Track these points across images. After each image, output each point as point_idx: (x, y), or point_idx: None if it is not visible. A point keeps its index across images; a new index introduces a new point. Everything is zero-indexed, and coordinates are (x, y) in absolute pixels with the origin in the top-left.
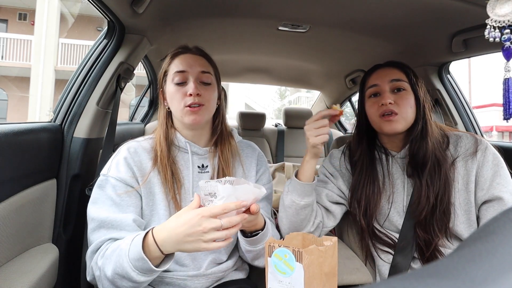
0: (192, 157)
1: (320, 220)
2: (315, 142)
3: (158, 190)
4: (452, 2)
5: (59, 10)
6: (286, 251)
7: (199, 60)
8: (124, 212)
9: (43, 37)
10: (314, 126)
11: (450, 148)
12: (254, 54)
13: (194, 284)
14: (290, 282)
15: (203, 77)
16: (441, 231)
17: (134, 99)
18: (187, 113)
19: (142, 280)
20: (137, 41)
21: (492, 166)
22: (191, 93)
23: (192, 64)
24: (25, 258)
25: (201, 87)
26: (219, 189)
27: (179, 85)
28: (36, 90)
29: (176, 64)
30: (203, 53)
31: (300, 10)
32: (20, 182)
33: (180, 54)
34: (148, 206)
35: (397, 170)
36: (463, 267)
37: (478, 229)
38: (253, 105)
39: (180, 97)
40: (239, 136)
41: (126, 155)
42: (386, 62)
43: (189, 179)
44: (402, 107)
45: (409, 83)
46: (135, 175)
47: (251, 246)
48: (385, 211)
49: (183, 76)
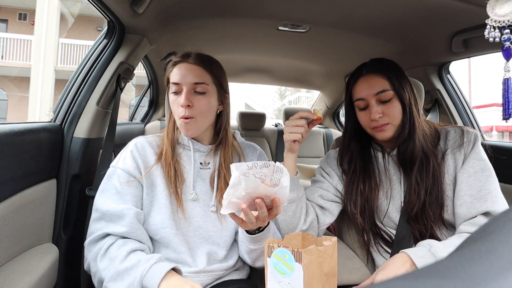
0: (194, 154)
1: (313, 218)
2: (285, 138)
3: (160, 181)
4: (452, 2)
5: (59, 10)
6: (286, 251)
7: (195, 70)
8: (124, 201)
9: (43, 37)
10: (291, 123)
11: (440, 143)
12: (254, 54)
13: (194, 280)
14: (290, 283)
15: (196, 87)
16: (435, 221)
17: (134, 99)
18: (182, 124)
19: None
20: (137, 41)
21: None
22: (181, 104)
23: (186, 75)
24: (25, 258)
25: (193, 98)
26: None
27: (175, 94)
28: (36, 90)
29: (174, 73)
30: (201, 61)
31: (300, 10)
32: (20, 182)
33: (178, 63)
34: (149, 197)
35: (393, 166)
36: (463, 266)
37: (478, 229)
38: (253, 105)
39: (175, 108)
40: (241, 138)
41: (132, 149)
42: (369, 66)
43: (191, 174)
44: (390, 116)
45: (393, 90)
46: (139, 167)
47: (255, 244)
48: (384, 207)
49: (178, 86)
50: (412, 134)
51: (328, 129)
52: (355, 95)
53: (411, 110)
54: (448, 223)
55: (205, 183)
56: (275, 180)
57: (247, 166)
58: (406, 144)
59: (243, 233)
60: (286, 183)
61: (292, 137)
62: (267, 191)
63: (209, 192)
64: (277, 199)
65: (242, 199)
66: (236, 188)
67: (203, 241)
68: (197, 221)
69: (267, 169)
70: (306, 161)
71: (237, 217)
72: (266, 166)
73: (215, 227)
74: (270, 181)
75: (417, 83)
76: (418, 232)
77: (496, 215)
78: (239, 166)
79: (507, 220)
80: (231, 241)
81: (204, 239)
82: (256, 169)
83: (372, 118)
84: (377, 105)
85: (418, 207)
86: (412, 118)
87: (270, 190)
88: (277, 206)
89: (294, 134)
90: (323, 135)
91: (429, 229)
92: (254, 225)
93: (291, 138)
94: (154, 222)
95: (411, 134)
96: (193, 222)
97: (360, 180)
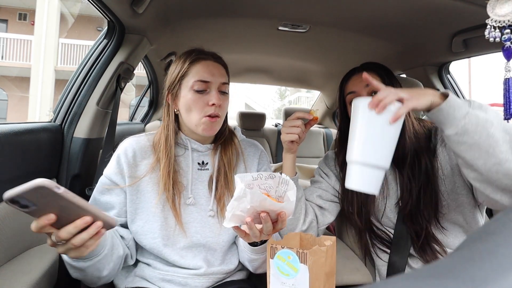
0: (192, 154)
1: (312, 218)
2: (283, 138)
3: (150, 188)
4: (452, 2)
5: (59, 10)
6: (290, 252)
7: (221, 69)
8: (103, 208)
9: (43, 37)
10: (288, 124)
11: (432, 139)
12: (254, 54)
13: (195, 283)
14: (294, 284)
15: (223, 87)
16: (430, 220)
17: (134, 99)
18: (206, 123)
19: (69, 262)
20: (137, 41)
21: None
22: (214, 103)
23: (214, 73)
24: (25, 258)
25: (220, 98)
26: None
27: (199, 93)
28: (36, 90)
29: (198, 71)
30: (223, 62)
31: (300, 10)
32: (20, 182)
33: (201, 60)
34: (134, 204)
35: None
36: (463, 267)
37: (478, 229)
38: (253, 105)
39: (201, 106)
40: (242, 135)
41: (120, 153)
42: (361, 66)
43: (188, 176)
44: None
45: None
46: (122, 172)
47: (257, 255)
48: (381, 207)
49: (206, 85)
50: (402, 132)
51: (328, 129)
52: (346, 90)
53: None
54: (445, 222)
55: (203, 186)
56: (280, 192)
57: (252, 177)
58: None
59: (245, 243)
60: (293, 197)
61: (288, 137)
62: (273, 206)
63: (207, 195)
64: (282, 214)
65: (246, 212)
66: (241, 201)
67: (200, 246)
68: (195, 227)
69: (272, 180)
70: (306, 161)
71: (240, 230)
72: (271, 177)
73: (212, 233)
74: (275, 193)
75: (417, 83)
76: (414, 232)
77: (496, 215)
78: (244, 177)
79: (507, 221)
80: (228, 245)
81: (200, 244)
82: (261, 180)
83: None
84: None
85: (412, 205)
86: None
87: (277, 205)
88: (283, 221)
89: (291, 134)
90: (323, 135)
91: (424, 229)
92: (258, 238)
93: (288, 139)
94: (141, 231)
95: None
96: (191, 227)
97: None
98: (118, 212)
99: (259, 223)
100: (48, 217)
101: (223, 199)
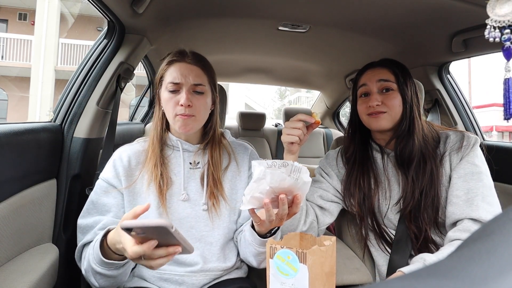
0: (183, 154)
1: (313, 219)
2: (283, 139)
3: (145, 189)
4: (452, 2)
5: (59, 10)
6: (289, 252)
7: (194, 70)
8: (100, 212)
9: (43, 37)
10: (290, 125)
11: (440, 146)
12: (254, 54)
13: (192, 280)
14: (294, 284)
15: (196, 88)
16: (429, 224)
17: (134, 99)
18: (178, 121)
19: (103, 272)
20: (137, 41)
21: (470, 167)
22: (182, 103)
23: (186, 75)
24: (25, 258)
25: (193, 97)
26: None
27: (172, 92)
28: (36, 90)
29: (171, 73)
30: (199, 61)
31: (300, 10)
32: (20, 182)
33: (175, 62)
34: (131, 205)
35: (392, 168)
36: (463, 266)
37: (478, 229)
38: (253, 105)
39: (172, 105)
40: (231, 136)
41: (115, 158)
42: (378, 61)
43: (181, 175)
44: (389, 106)
45: (396, 84)
46: (119, 176)
47: (264, 247)
48: (384, 208)
49: (177, 86)
50: (411, 133)
51: (328, 129)
52: (359, 83)
53: (412, 108)
54: (443, 227)
55: (196, 183)
56: (292, 179)
57: (266, 164)
58: (405, 141)
59: (253, 235)
60: (308, 178)
61: (289, 138)
62: (292, 185)
63: (200, 192)
64: (298, 196)
65: (265, 194)
66: (260, 183)
67: (196, 241)
68: (189, 222)
69: (285, 168)
70: (306, 161)
71: (256, 215)
72: (284, 165)
73: (207, 227)
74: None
75: (417, 83)
76: (413, 234)
77: (496, 215)
78: (260, 163)
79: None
80: (224, 240)
81: (196, 239)
82: (275, 168)
83: (370, 104)
84: (377, 94)
85: (412, 206)
86: (412, 115)
87: (295, 184)
88: (298, 204)
89: (291, 136)
90: (323, 135)
91: (423, 232)
92: (272, 224)
93: (288, 140)
94: None
95: (410, 132)
96: (185, 222)
97: (359, 172)
98: (115, 214)
99: (276, 207)
100: (150, 244)
101: (214, 193)
